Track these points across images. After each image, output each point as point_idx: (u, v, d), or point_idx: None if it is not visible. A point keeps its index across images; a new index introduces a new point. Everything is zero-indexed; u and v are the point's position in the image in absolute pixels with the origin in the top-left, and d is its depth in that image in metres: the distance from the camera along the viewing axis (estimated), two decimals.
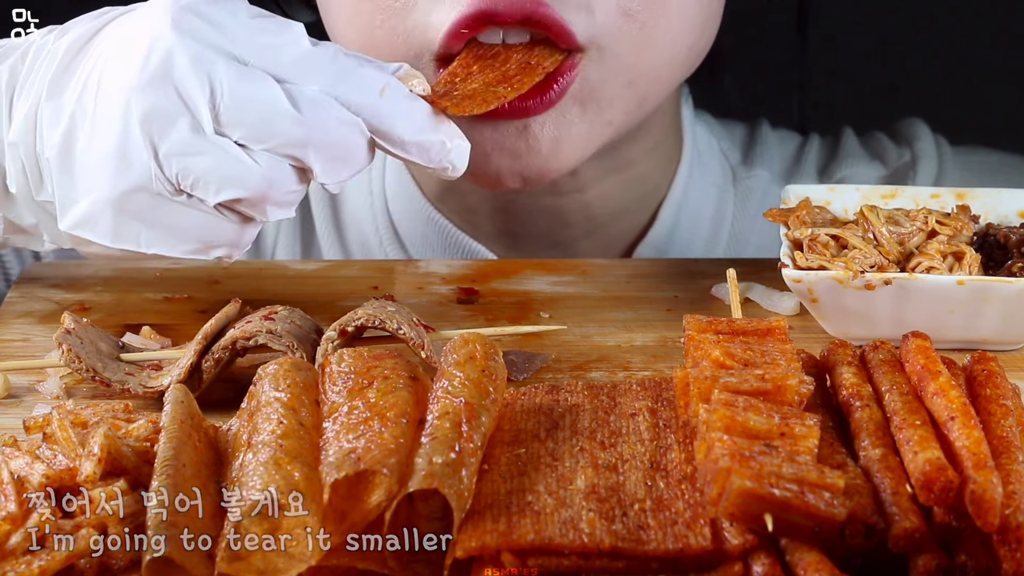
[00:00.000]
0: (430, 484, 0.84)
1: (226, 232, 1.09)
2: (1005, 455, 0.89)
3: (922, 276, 1.12)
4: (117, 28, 1.08)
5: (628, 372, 1.14)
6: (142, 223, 1.07)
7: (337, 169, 1.07)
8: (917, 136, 1.55)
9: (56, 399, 1.09)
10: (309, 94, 1.05)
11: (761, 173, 1.52)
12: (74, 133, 1.07)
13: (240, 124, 1.04)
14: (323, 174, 1.07)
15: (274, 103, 1.04)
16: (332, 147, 1.06)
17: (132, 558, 0.87)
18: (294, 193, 1.08)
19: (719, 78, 1.59)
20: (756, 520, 0.83)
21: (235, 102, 1.04)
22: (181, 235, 1.08)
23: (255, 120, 1.04)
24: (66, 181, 1.08)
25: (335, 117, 1.06)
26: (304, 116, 1.05)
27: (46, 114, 1.08)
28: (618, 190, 1.42)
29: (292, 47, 1.06)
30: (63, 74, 1.08)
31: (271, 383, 0.95)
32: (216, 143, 1.04)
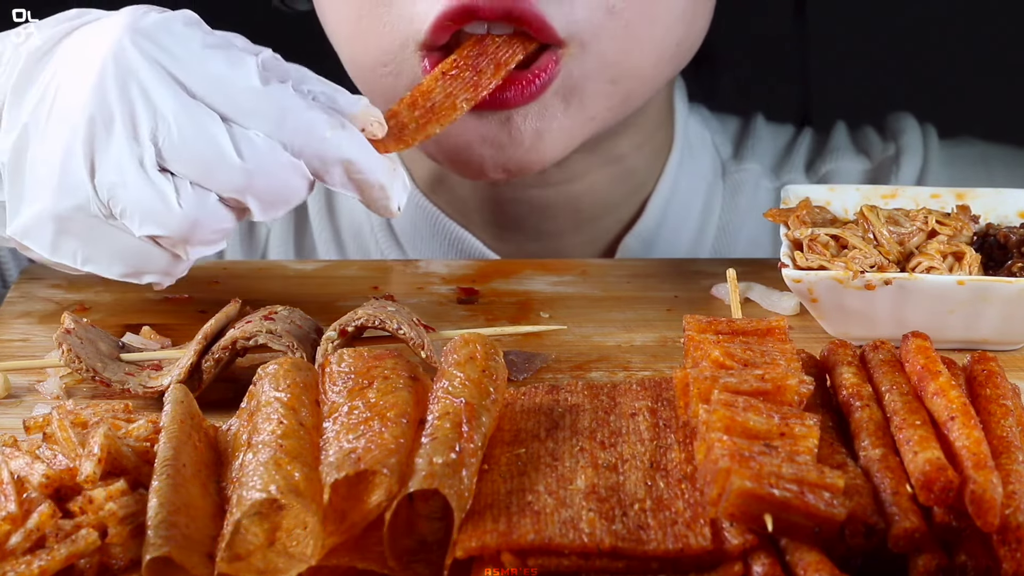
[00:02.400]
0: (430, 484, 0.84)
1: (157, 261, 1.10)
2: (1005, 455, 0.89)
3: (922, 276, 1.12)
4: (76, 41, 1.09)
5: (628, 372, 1.14)
6: (79, 241, 1.08)
7: (274, 208, 1.09)
8: (903, 130, 1.55)
9: (56, 399, 1.09)
10: (253, 139, 1.06)
11: (751, 167, 1.52)
12: (26, 142, 1.08)
13: (182, 161, 1.05)
14: (260, 214, 1.09)
15: (218, 146, 1.05)
16: (272, 191, 1.08)
17: (132, 558, 0.87)
18: (219, 232, 1.09)
19: (714, 71, 1.59)
20: (756, 520, 0.83)
21: (180, 139, 1.05)
22: (114, 257, 1.09)
23: (198, 161, 1.05)
24: (16, 188, 1.09)
25: (278, 162, 1.07)
26: (247, 163, 1.06)
27: (4, 118, 1.09)
28: (607, 183, 1.42)
29: (242, 84, 1.07)
30: (26, 80, 1.09)
31: (271, 383, 0.95)
32: (149, 177, 1.05)
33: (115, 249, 1.09)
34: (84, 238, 1.08)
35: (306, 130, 1.08)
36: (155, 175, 1.05)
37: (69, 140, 1.06)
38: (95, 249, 1.09)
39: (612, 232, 1.46)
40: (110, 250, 1.09)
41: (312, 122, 1.08)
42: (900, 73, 2.02)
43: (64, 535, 0.86)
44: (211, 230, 1.08)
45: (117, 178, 1.05)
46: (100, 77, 1.05)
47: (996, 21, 2.03)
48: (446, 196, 1.44)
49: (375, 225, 1.48)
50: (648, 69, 1.27)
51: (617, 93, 1.26)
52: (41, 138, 1.07)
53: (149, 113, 1.05)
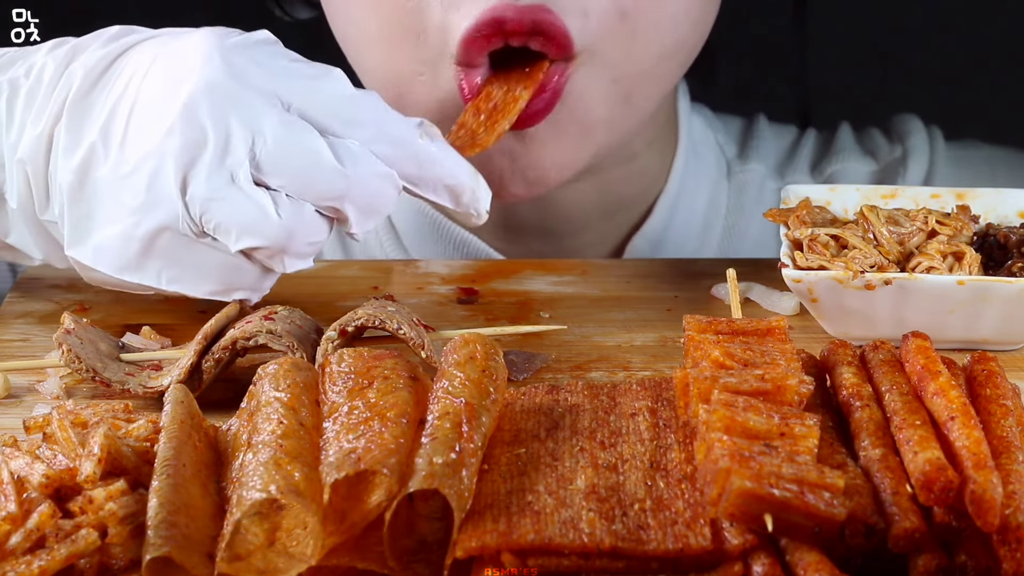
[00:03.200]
0: (430, 484, 0.84)
1: (247, 276, 1.09)
2: (1005, 455, 0.89)
3: (922, 276, 1.12)
4: (150, 59, 1.07)
5: (628, 372, 1.14)
6: (163, 260, 1.08)
7: (368, 219, 1.09)
8: (910, 132, 1.56)
9: (56, 399, 1.09)
10: (351, 147, 1.06)
11: (756, 167, 1.52)
12: (93, 161, 1.07)
13: (281, 174, 1.05)
14: (356, 224, 1.09)
15: (317, 154, 1.05)
16: (368, 200, 1.08)
17: (132, 558, 0.87)
18: (314, 244, 1.09)
19: (715, 72, 1.59)
20: (756, 520, 0.83)
21: (278, 151, 1.04)
22: (203, 275, 1.09)
23: (296, 170, 1.05)
24: (81, 209, 1.08)
25: (374, 171, 1.07)
26: (347, 169, 1.06)
27: (63, 138, 1.07)
28: (618, 183, 1.42)
29: (337, 93, 1.07)
30: (83, 100, 1.08)
31: (271, 383, 0.95)
32: (244, 191, 1.04)
33: (204, 267, 1.08)
34: (170, 258, 1.07)
35: (402, 137, 1.08)
36: (250, 188, 1.04)
37: (157, 159, 1.05)
38: (182, 268, 1.08)
39: (621, 232, 1.46)
40: (198, 268, 1.08)
41: (406, 129, 1.09)
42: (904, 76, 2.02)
43: (64, 535, 0.86)
44: (307, 241, 1.07)
45: (211, 193, 1.04)
46: (190, 95, 1.04)
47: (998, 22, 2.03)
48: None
49: (380, 229, 1.48)
50: (654, 71, 1.27)
51: (620, 94, 1.26)
52: (117, 159, 1.06)
53: (244, 128, 1.04)
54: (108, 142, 1.06)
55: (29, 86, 1.10)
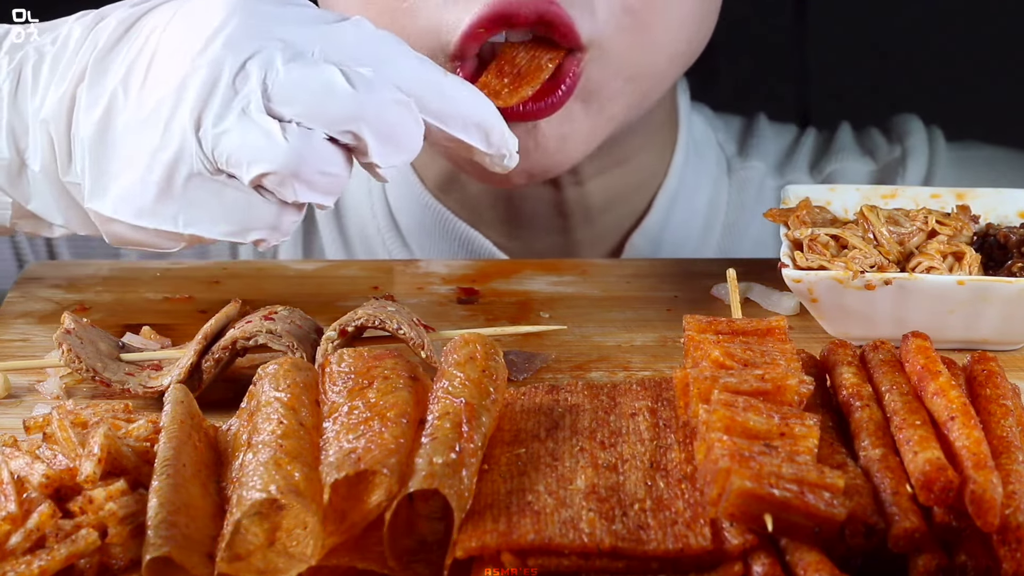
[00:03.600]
0: (430, 484, 0.84)
1: (264, 214, 1.07)
2: (1005, 455, 0.89)
3: (922, 276, 1.12)
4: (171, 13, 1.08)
5: (628, 372, 1.14)
6: (180, 202, 1.06)
7: (391, 151, 1.06)
8: (909, 132, 1.56)
9: (56, 399, 1.09)
10: (365, 74, 1.05)
11: (756, 165, 1.53)
12: (114, 111, 1.06)
13: (292, 102, 1.03)
14: (377, 154, 1.06)
15: (330, 81, 1.04)
16: (386, 126, 1.05)
17: (132, 558, 0.87)
18: (329, 177, 1.06)
19: (717, 72, 1.59)
20: (756, 520, 0.83)
21: (290, 80, 1.03)
22: (219, 215, 1.06)
23: (308, 98, 1.03)
24: (101, 162, 1.07)
25: (390, 96, 1.05)
26: (359, 92, 1.04)
27: (85, 96, 1.07)
28: (616, 179, 1.43)
29: (357, 34, 1.06)
30: (105, 57, 1.07)
31: (271, 383, 0.95)
32: (254, 120, 1.03)
33: (220, 206, 1.06)
34: (186, 199, 1.06)
35: (421, 68, 1.07)
36: (260, 117, 1.03)
37: (172, 100, 1.04)
38: (198, 210, 1.06)
39: (620, 229, 1.46)
40: (214, 208, 1.06)
41: (430, 65, 1.08)
42: (905, 76, 2.02)
43: (64, 535, 0.86)
44: (319, 168, 1.05)
45: (223, 126, 1.03)
46: (207, 40, 1.04)
47: (999, 22, 2.03)
48: (457, 196, 1.45)
49: (382, 226, 1.48)
50: (663, 66, 1.28)
51: (635, 92, 1.27)
52: (136, 106, 1.05)
53: (258, 65, 1.03)
54: (128, 92, 1.06)
55: (55, 52, 1.09)
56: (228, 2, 1.06)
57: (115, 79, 1.07)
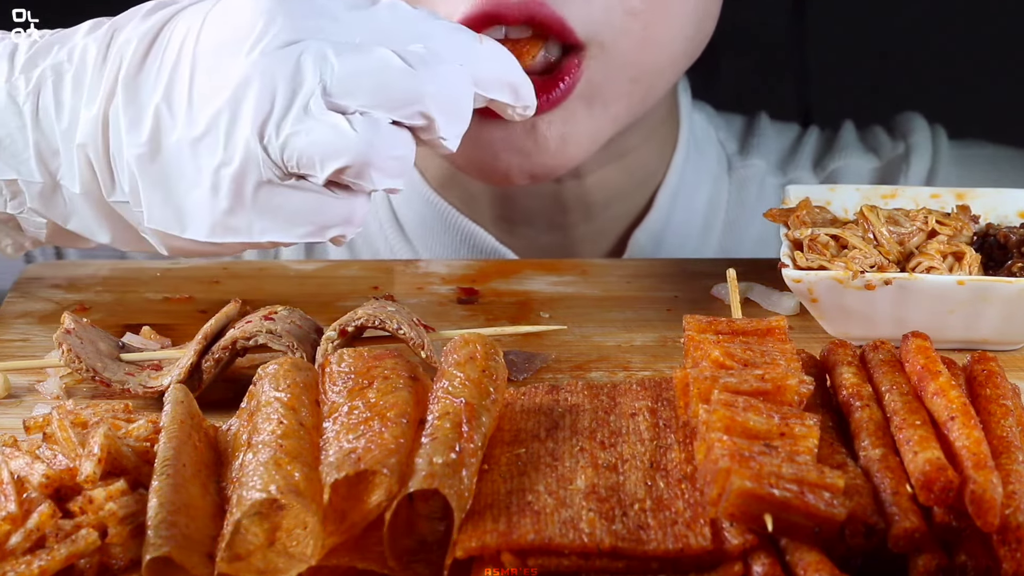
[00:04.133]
0: (430, 484, 0.84)
1: (338, 210, 1.07)
2: (1005, 455, 0.89)
3: (922, 276, 1.12)
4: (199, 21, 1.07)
5: (628, 372, 1.14)
6: (253, 212, 1.06)
7: (453, 122, 1.07)
8: (913, 130, 1.56)
9: (56, 399, 1.09)
10: (417, 51, 1.05)
11: (757, 163, 1.53)
12: (162, 131, 1.05)
13: (353, 92, 1.03)
14: (443, 127, 1.06)
15: (386, 63, 1.04)
16: (448, 99, 1.06)
17: (132, 558, 0.87)
18: (399, 159, 1.05)
19: (718, 71, 1.59)
20: (756, 520, 0.83)
21: (346, 71, 1.03)
22: (294, 219, 1.06)
23: (369, 84, 1.03)
24: (154, 179, 1.06)
25: (446, 68, 1.06)
26: (418, 71, 1.04)
27: (122, 116, 1.06)
28: (616, 176, 1.43)
29: (394, 15, 1.06)
30: (136, 75, 1.07)
31: (271, 383, 0.95)
32: (318, 118, 1.03)
33: (293, 210, 1.06)
34: (258, 208, 1.05)
35: (460, 37, 1.08)
36: (324, 114, 1.03)
37: (229, 112, 1.04)
38: (272, 217, 1.06)
39: (622, 225, 1.47)
40: (288, 213, 1.06)
41: (463, 32, 1.09)
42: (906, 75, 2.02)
43: (64, 535, 0.86)
44: (390, 154, 1.04)
45: (288, 129, 1.03)
46: (251, 46, 1.03)
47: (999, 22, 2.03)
48: (458, 192, 1.45)
49: (384, 223, 1.48)
50: (665, 65, 1.29)
51: (637, 91, 1.28)
52: (186, 123, 1.05)
53: (311, 63, 1.03)
54: (173, 109, 1.05)
55: (74, 71, 1.08)
56: (260, 2, 1.05)
57: (154, 96, 1.06)
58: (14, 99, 1.09)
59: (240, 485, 0.87)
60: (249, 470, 0.87)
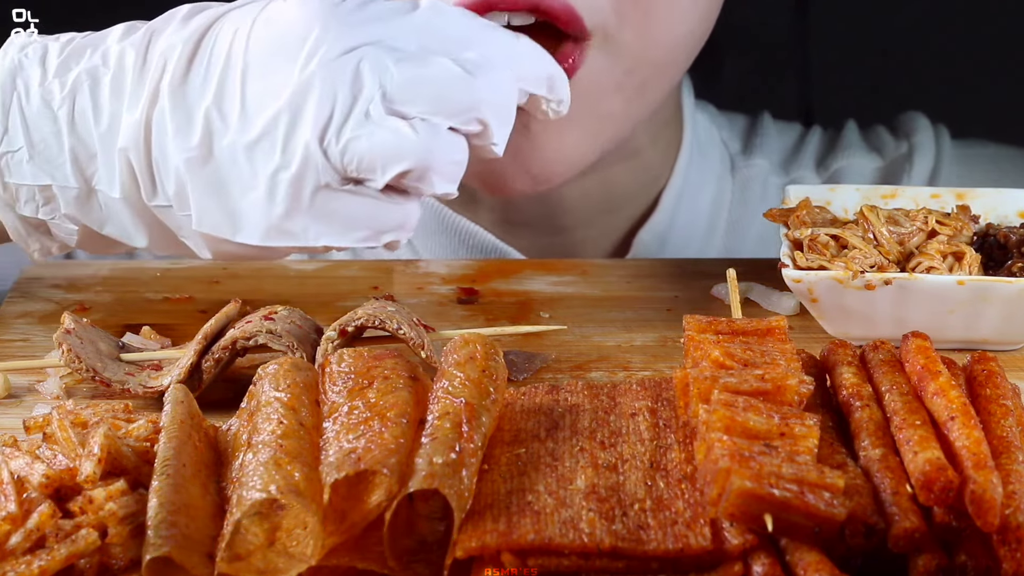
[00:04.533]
0: (430, 484, 0.84)
1: (394, 215, 1.07)
2: (1005, 455, 0.89)
3: (922, 276, 1.12)
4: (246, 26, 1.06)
5: (628, 372, 1.14)
6: (309, 217, 1.06)
7: (504, 126, 1.08)
8: (916, 129, 1.56)
9: (56, 399, 1.09)
10: (471, 57, 1.06)
11: (760, 163, 1.53)
12: (214, 134, 1.05)
13: (413, 99, 1.04)
14: (496, 131, 1.07)
15: (445, 70, 1.04)
16: (502, 104, 1.07)
17: (132, 558, 0.87)
18: (457, 164, 1.06)
19: (720, 71, 1.59)
20: (756, 520, 0.83)
21: (405, 78, 1.03)
22: (351, 224, 1.06)
23: (428, 91, 1.04)
24: (205, 184, 1.06)
25: (499, 74, 1.07)
26: (476, 79, 1.05)
27: (169, 120, 1.06)
28: (620, 177, 1.43)
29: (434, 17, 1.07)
30: (183, 79, 1.06)
31: (271, 383, 0.95)
32: (378, 123, 1.03)
33: (350, 215, 1.06)
34: (315, 213, 1.05)
35: (505, 41, 1.08)
36: (385, 119, 1.03)
37: (288, 117, 1.03)
38: (329, 222, 1.06)
39: (625, 227, 1.46)
40: (344, 218, 1.06)
41: (500, 31, 1.09)
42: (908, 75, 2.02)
43: (64, 535, 0.86)
44: (448, 160, 1.05)
45: (349, 134, 1.03)
46: (308, 53, 1.03)
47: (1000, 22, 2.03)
48: (459, 196, 1.44)
49: None
50: (664, 60, 1.28)
51: (631, 85, 1.26)
52: (240, 127, 1.04)
53: (369, 69, 1.03)
54: (225, 113, 1.05)
55: (112, 74, 1.08)
56: (311, 9, 1.05)
57: (204, 101, 1.06)
58: (48, 104, 1.08)
59: (240, 485, 0.87)
60: (249, 470, 0.87)
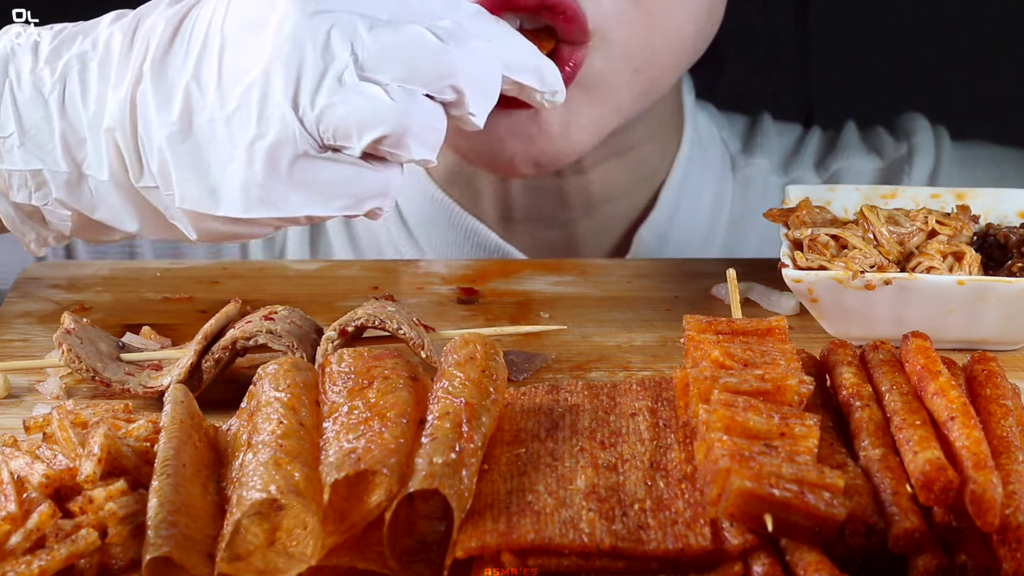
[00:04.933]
0: (430, 484, 0.84)
1: (373, 182, 1.06)
2: (1005, 455, 0.89)
3: (922, 276, 1.12)
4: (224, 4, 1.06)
5: (628, 372, 1.14)
6: (289, 186, 1.05)
7: (483, 99, 1.07)
8: (915, 130, 1.56)
9: (56, 399, 1.09)
10: (448, 26, 1.05)
11: (760, 162, 1.53)
12: (194, 108, 1.04)
13: (387, 65, 1.03)
14: (473, 103, 1.06)
15: (419, 37, 1.04)
16: (478, 73, 1.06)
17: (132, 558, 0.87)
18: (436, 131, 1.05)
19: (721, 71, 1.60)
20: (756, 520, 0.83)
21: (379, 45, 1.03)
22: (331, 192, 1.05)
23: (402, 58, 1.03)
24: (187, 160, 1.05)
25: (477, 45, 1.06)
26: (450, 46, 1.04)
27: (151, 98, 1.05)
28: (619, 172, 1.43)
29: None
30: (164, 57, 1.05)
31: (271, 383, 0.95)
32: (353, 89, 1.02)
33: (330, 183, 1.05)
34: (294, 182, 1.05)
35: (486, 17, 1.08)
36: (360, 85, 1.03)
37: (261, 87, 1.03)
38: (309, 191, 1.05)
39: (625, 222, 1.47)
40: (324, 186, 1.05)
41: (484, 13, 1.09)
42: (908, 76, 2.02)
43: (64, 535, 0.86)
44: (425, 125, 1.04)
45: (323, 100, 1.02)
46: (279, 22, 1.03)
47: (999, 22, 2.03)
48: (461, 189, 1.45)
49: (389, 219, 1.48)
50: (669, 57, 1.29)
51: (639, 82, 1.28)
52: (218, 99, 1.04)
53: (342, 37, 1.02)
54: (203, 87, 1.05)
55: (99, 58, 1.08)
56: None
57: (183, 76, 1.05)
58: (39, 90, 1.08)
59: (240, 485, 0.87)
60: (249, 470, 0.87)
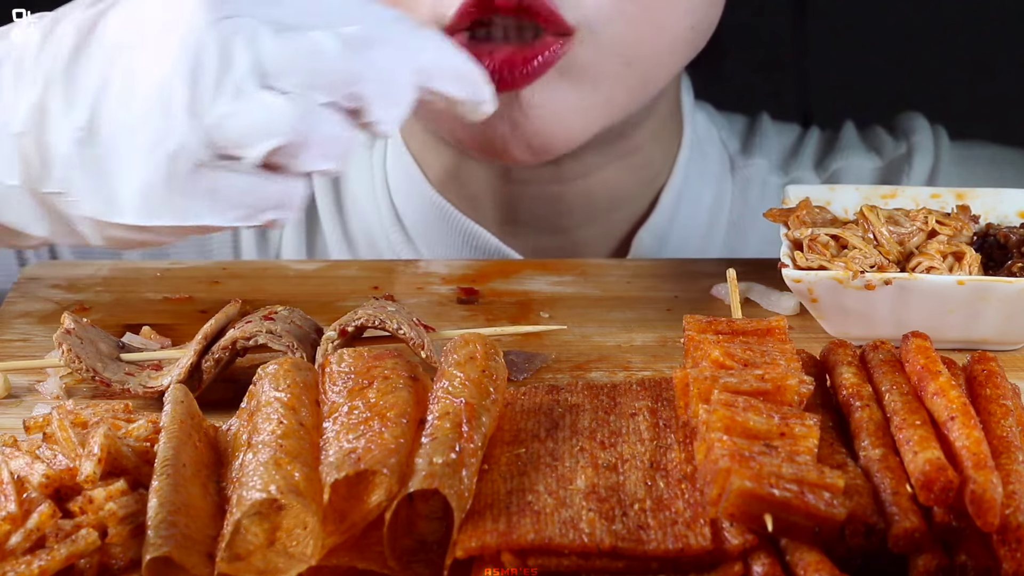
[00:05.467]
0: (430, 484, 0.84)
1: (272, 193, 1.04)
2: (1005, 455, 0.89)
3: (922, 276, 1.12)
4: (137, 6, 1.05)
5: (628, 372, 1.14)
6: (186, 195, 1.03)
7: (388, 105, 1.05)
8: (914, 129, 1.56)
9: (56, 399, 1.09)
10: (353, 33, 1.03)
11: (759, 162, 1.53)
12: (99, 114, 1.03)
13: (286, 72, 1.01)
14: (378, 109, 1.04)
15: (319, 45, 1.02)
16: (383, 80, 1.04)
17: (132, 558, 0.87)
18: (335, 140, 1.04)
19: (720, 71, 1.60)
20: (756, 520, 0.83)
21: (279, 51, 1.01)
22: (227, 202, 1.04)
23: (301, 65, 1.02)
24: (91, 166, 1.04)
25: (381, 52, 1.04)
26: (352, 53, 1.02)
27: (59, 103, 1.04)
28: (621, 176, 1.43)
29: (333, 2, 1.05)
30: (75, 60, 1.04)
31: (271, 383, 0.95)
32: (251, 96, 1.01)
33: (227, 193, 1.04)
34: (192, 191, 1.03)
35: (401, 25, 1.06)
36: (258, 93, 1.01)
37: (160, 95, 1.02)
38: (206, 200, 1.03)
39: (626, 226, 1.46)
40: (222, 196, 1.04)
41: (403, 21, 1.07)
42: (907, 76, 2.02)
43: (64, 535, 0.86)
44: (325, 135, 1.03)
45: (221, 110, 1.01)
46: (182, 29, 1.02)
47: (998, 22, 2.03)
48: (459, 192, 1.45)
49: (386, 223, 1.48)
50: (665, 52, 1.29)
51: (634, 75, 1.27)
52: (121, 106, 1.03)
53: (244, 44, 1.01)
54: (109, 93, 1.03)
55: (14, 60, 1.07)
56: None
57: (92, 81, 1.04)
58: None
59: (240, 485, 0.87)
60: (249, 470, 0.87)
